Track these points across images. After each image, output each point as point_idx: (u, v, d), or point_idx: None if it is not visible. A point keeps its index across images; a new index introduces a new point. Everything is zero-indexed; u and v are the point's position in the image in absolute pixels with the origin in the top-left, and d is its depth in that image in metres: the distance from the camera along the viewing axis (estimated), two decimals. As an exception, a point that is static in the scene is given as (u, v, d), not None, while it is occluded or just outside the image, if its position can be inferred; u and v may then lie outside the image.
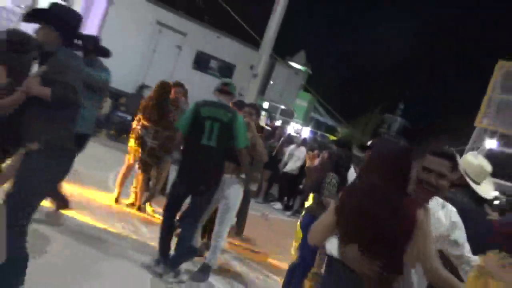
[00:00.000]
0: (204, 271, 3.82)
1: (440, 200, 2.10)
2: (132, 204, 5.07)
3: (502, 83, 6.47)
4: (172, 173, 4.53)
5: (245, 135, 3.72)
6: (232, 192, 3.89)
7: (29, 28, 2.82)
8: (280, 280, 4.06)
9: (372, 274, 1.79)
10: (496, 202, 4.88)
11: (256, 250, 5.52)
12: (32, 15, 2.66)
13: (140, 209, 5.06)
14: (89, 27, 10.38)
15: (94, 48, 3.90)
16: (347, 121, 25.29)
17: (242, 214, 5.92)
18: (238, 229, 6.15)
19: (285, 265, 4.24)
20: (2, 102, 2.43)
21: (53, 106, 2.32)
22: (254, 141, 3.95)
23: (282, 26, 11.74)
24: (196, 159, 3.68)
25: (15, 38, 2.84)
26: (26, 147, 2.34)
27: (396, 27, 34.56)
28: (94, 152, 5.81)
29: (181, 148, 3.98)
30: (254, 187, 7.33)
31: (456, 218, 2.08)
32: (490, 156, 7.00)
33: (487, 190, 2.62)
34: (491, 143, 8.52)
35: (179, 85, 5.50)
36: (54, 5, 2.62)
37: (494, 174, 2.91)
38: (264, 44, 11.52)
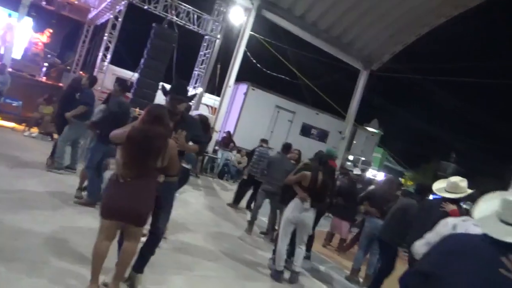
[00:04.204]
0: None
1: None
2: None
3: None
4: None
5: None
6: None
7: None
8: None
9: None
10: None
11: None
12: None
13: None
14: (234, 108, 14.84)
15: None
16: (411, 168, 31.63)
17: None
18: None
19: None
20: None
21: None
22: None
23: (361, 102, 15.19)
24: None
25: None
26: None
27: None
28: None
29: None
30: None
31: None
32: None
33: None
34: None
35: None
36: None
37: None
38: (349, 116, 15.21)
